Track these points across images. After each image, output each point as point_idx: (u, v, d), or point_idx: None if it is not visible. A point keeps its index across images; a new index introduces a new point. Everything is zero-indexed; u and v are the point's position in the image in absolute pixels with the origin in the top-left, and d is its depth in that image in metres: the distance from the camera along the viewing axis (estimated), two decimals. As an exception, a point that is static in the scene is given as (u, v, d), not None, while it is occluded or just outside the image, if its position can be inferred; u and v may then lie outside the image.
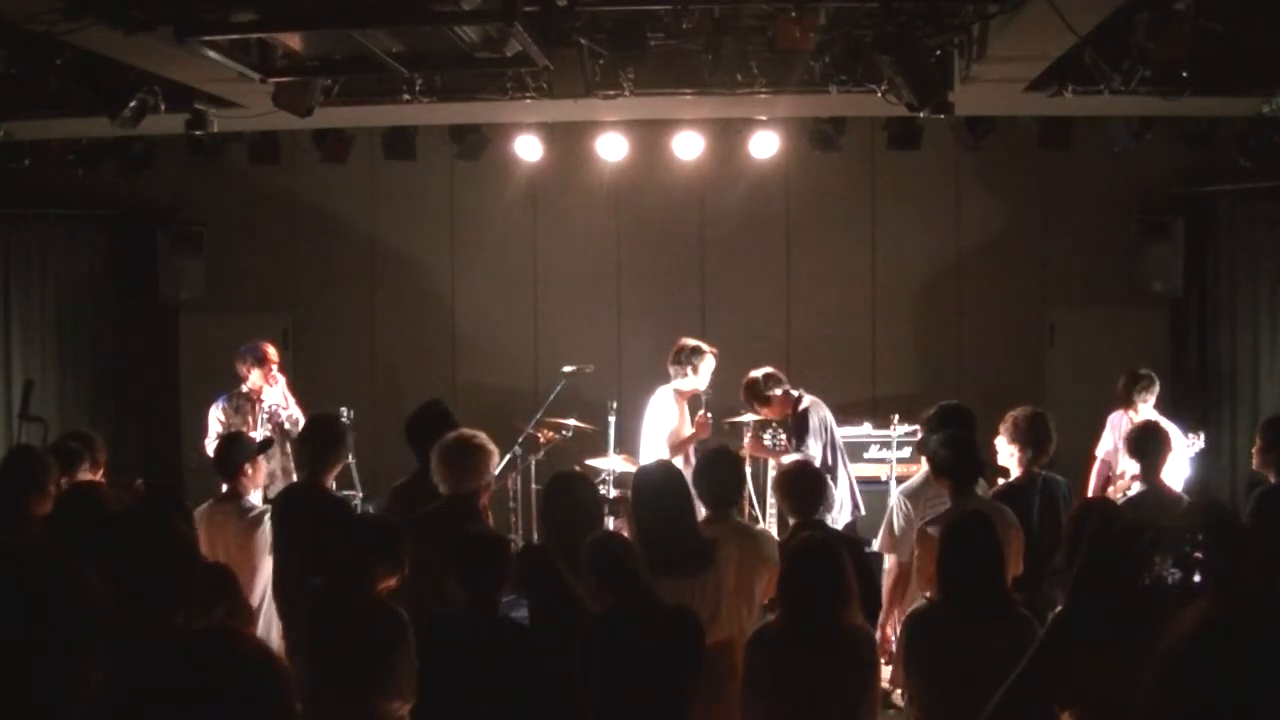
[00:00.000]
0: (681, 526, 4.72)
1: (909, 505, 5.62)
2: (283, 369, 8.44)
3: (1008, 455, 5.79)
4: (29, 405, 9.68)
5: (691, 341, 7.73)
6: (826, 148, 9.05)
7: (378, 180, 10.05)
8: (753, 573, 4.77)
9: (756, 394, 7.40)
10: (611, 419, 8.54)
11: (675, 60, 6.80)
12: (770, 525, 7.28)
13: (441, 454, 5.10)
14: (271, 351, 8.12)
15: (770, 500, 7.51)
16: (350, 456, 7.65)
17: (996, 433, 5.88)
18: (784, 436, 7.52)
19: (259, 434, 7.38)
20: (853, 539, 5.69)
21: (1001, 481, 5.96)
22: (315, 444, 5.57)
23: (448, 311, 10.31)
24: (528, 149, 9.14)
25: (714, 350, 7.70)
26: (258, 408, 8.00)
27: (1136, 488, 5.90)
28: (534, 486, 8.50)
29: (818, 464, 7.09)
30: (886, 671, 4.72)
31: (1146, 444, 5.74)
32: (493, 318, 10.25)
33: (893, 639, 5.06)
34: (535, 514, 8.20)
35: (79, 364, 10.04)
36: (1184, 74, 6.47)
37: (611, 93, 6.90)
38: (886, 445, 8.21)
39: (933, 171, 9.79)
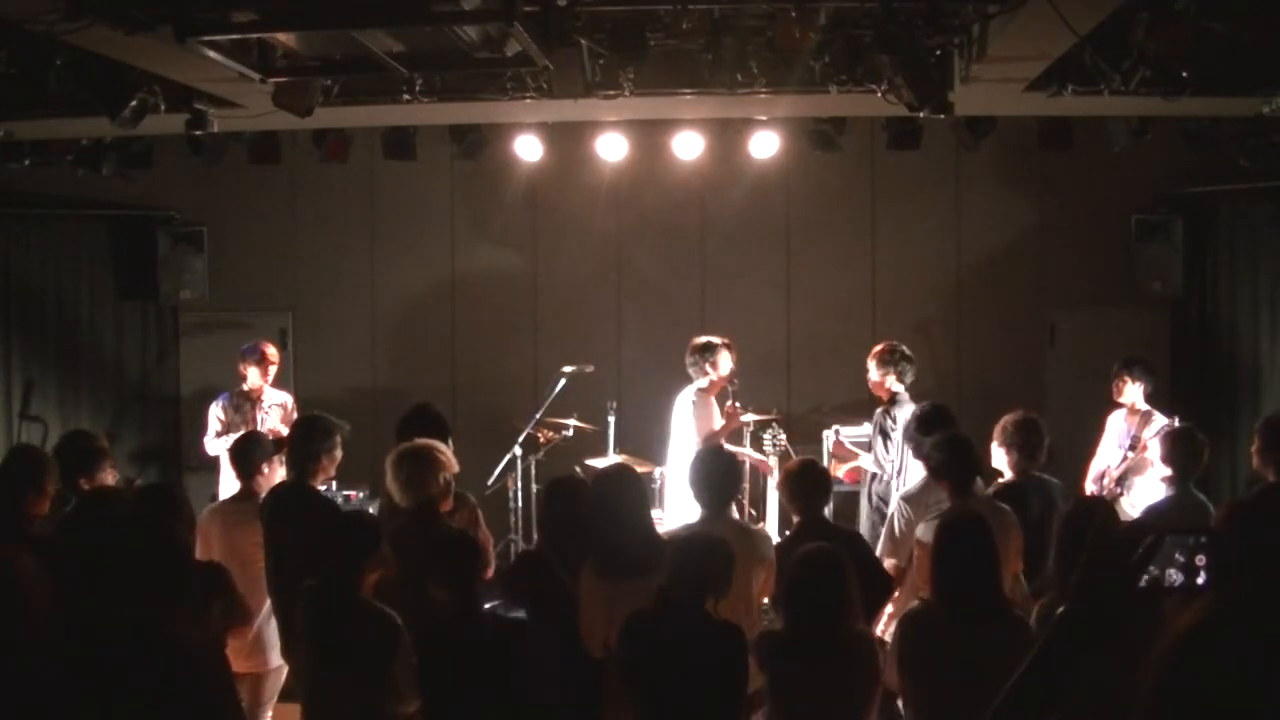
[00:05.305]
0: (636, 528, 4.72)
1: (909, 510, 5.61)
2: (282, 369, 8.46)
3: (1000, 459, 5.80)
4: (29, 405, 9.72)
5: (702, 339, 7.76)
6: (826, 148, 9.05)
7: (378, 180, 10.05)
8: (749, 572, 4.76)
9: (890, 361, 7.32)
10: (611, 419, 8.56)
11: (675, 60, 6.80)
12: (771, 526, 7.29)
13: (391, 468, 5.13)
14: (271, 351, 8.15)
15: (770, 500, 7.52)
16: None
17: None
18: (783, 437, 7.51)
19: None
20: (855, 536, 5.68)
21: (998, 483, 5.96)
22: (305, 444, 5.56)
23: (447, 311, 10.31)
24: (528, 149, 9.14)
25: (726, 341, 7.72)
26: (257, 407, 8.02)
27: (1164, 491, 5.88)
28: (534, 487, 8.50)
29: (894, 470, 7.08)
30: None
31: (1180, 451, 5.72)
32: (492, 317, 10.25)
33: (886, 639, 5.06)
34: (535, 515, 8.25)
35: (79, 364, 10.03)
36: (1184, 74, 6.46)
37: (611, 93, 6.91)
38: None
39: (933, 171, 9.79)
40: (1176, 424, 6.87)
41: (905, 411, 7.12)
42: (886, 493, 6.95)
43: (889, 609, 5.32)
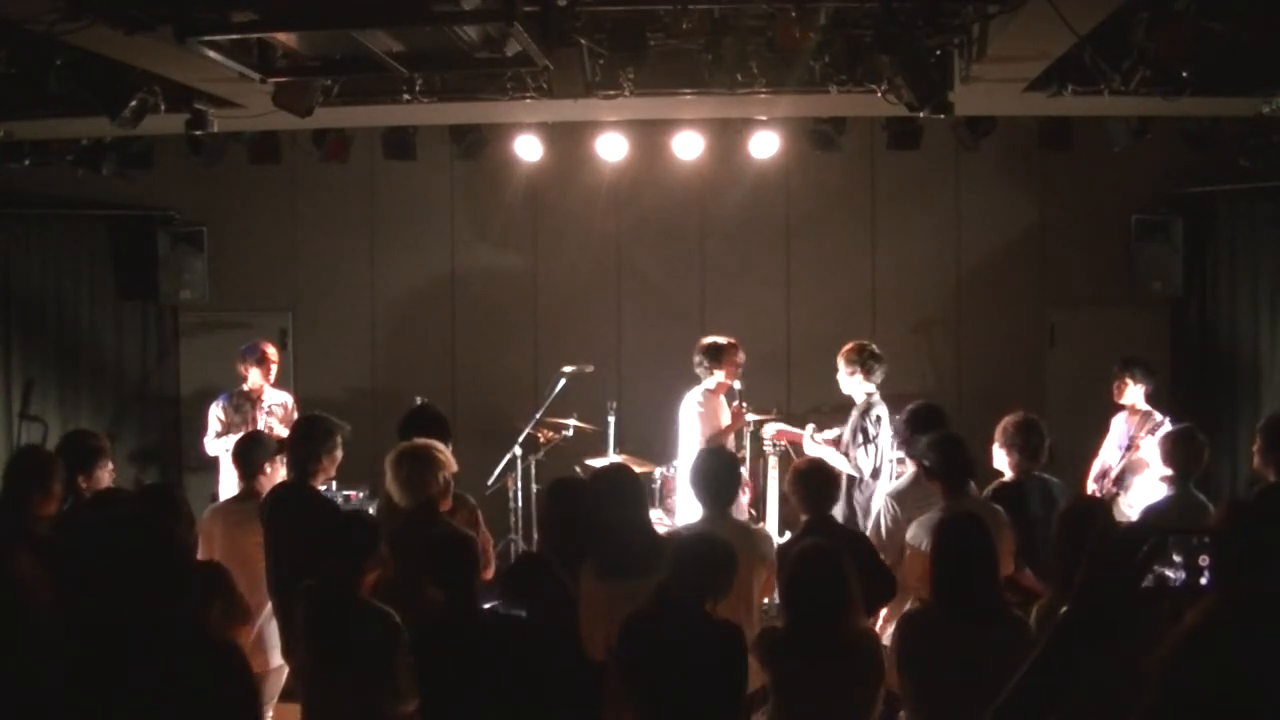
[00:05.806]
0: (635, 528, 4.72)
1: (896, 507, 5.60)
2: (282, 369, 8.46)
3: (1001, 460, 5.79)
4: (29, 405, 9.73)
5: (709, 339, 7.74)
6: (826, 148, 9.06)
7: (378, 180, 10.05)
8: (750, 571, 4.76)
9: (857, 360, 7.22)
10: (611, 419, 8.56)
11: (675, 60, 6.80)
12: (771, 526, 7.29)
13: (390, 467, 5.14)
14: (271, 351, 8.15)
15: (770, 500, 7.52)
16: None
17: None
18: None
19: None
20: (860, 536, 5.68)
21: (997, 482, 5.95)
22: (306, 444, 5.56)
23: (447, 311, 10.31)
24: (528, 149, 9.14)
25: (733, 341, 7.69)
26: (258, 407, 8.02)
27: (1164, 491, 5.89)
28: (534, 487, 8.51)
29: (869, 472, 7.02)
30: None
31: (1180, 451, 5.72)
32: (493, 318, 10.25)
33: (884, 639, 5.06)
34: (536, 515, 8.26)
35: (79, 364, 10.04)
36: (1184, 74, 6.46)
37: (611, 93, 6.91)
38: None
39: (933, 171, 9.79)
40: (1169, 424, 6.88)
41: (880, 411, 7.08)
42: (868, 500, 6.86)
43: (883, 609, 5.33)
